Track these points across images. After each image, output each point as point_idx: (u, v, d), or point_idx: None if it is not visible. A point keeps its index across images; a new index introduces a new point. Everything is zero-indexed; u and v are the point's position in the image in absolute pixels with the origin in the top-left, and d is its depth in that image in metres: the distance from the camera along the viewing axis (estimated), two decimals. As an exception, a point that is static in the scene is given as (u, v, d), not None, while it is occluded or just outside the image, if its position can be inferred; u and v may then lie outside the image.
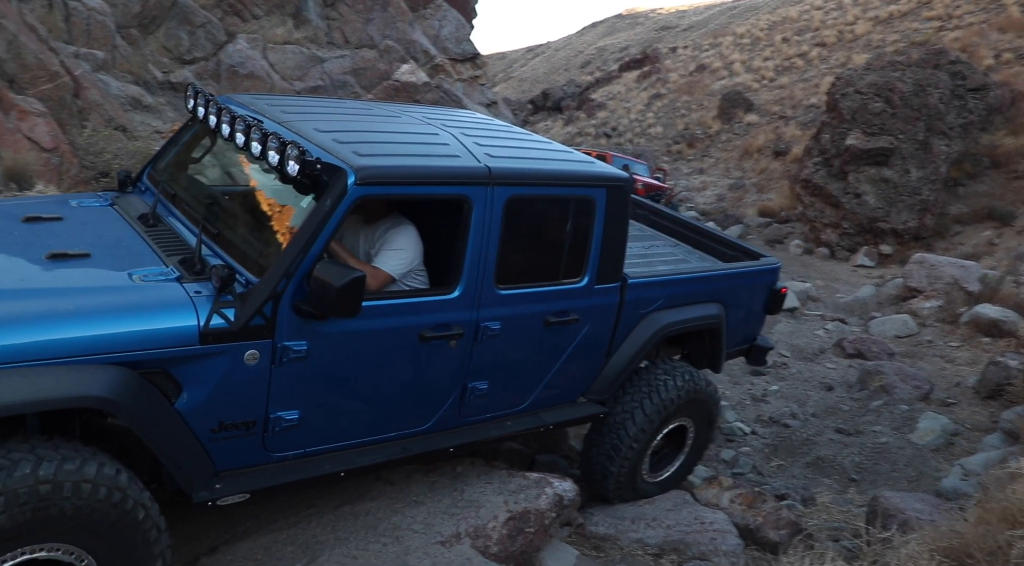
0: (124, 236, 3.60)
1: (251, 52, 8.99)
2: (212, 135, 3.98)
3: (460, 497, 4.17)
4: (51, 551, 2.73)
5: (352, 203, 3.27)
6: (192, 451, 3.15)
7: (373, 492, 4.21)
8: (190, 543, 3.85)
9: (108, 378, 2.82)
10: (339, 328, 3.35)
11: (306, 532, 3.89)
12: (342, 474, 3.63)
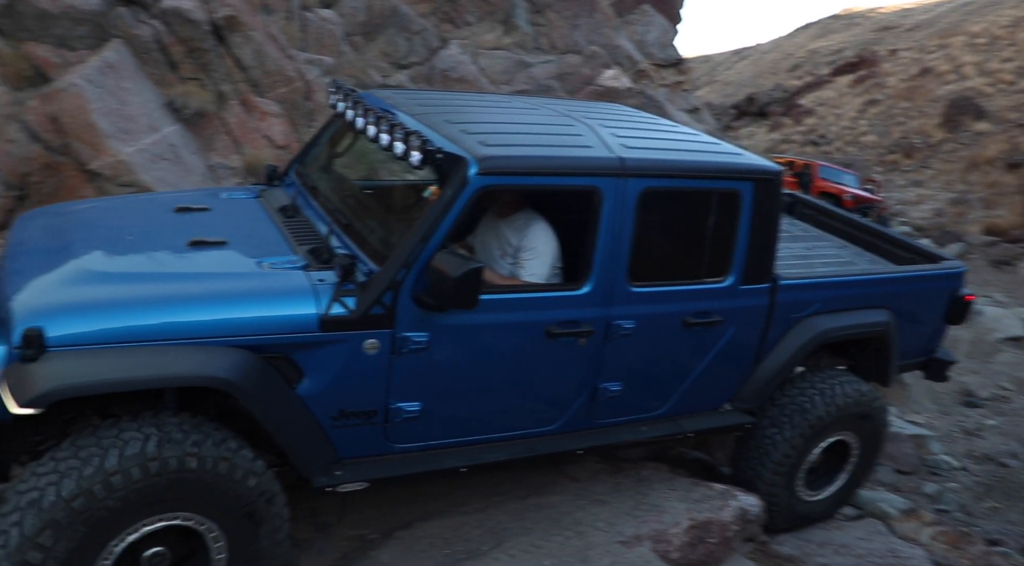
0: (262, 226, 3.76)
1: (462, 57, 9.40)
2: (352, 131, 4.04)
3: (643, 500, 4.18)
4: (184, 520, 2.91)
5: (474, 193, 3.22)
6: (313, 437, 3.21)
7: (558, 487, 4.32)
8: (387, 517, 4.11)
9: (231, 360, 2.93)
10: (460, 321, 3.31)
11: (493, 518, 4.05)
12: (463, 470, 3.58)
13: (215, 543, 2.99)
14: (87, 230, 3.56)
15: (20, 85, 6.60)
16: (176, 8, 6.96)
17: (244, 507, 2.97)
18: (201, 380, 2.88)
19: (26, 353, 2.68)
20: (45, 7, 6.72)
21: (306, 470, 3.24)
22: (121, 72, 6.56)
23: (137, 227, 3.66)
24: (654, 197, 3.63)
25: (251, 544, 3.05)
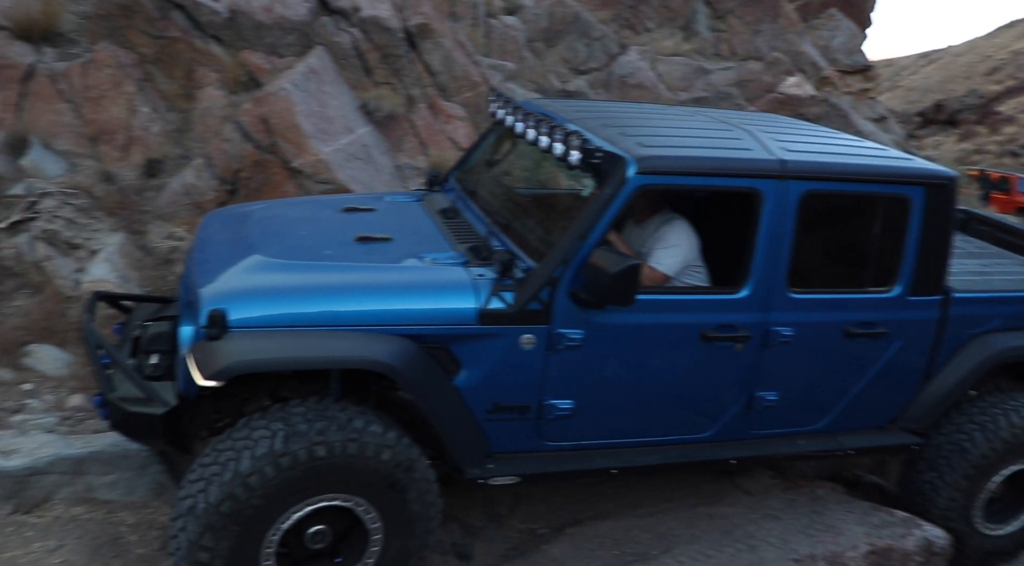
0: (424, 226, 3.93)
1: (641, 63, 9.41)
2: (512, 137, 4.16)
3: (819, 519, 4.08)
4: (332, 501, 3.08)
5: (632, 192, 3.24)
6: (468, 428, 3.30)
7: (730, 498, 4.29)
8: (558, 512, 4.23)
9: (393, 347, 3.07)
10: (616, 320, 3.32)
11: (662, 524, 4.09)
12: (614, 471, 3.59)
13: (367, 515, 3.16)
14: (264, 226, 3.90)
15: (236, 89, 7.24)
16: (374, 17, 7.40)
17: (384, 479, 3.10)
18: (364, 363, 3.06)
19: (211, 332, 2.98)
20: (260, 18, 7.34)
21: (459, 460, 3.37)
22: (323, 77, 7.05)
23: (309, 224, 3.96)
24: (816, 201, 3.54)
25: (401, 511, 3.18)
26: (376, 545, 3.19)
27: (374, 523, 3.16)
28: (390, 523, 3.18)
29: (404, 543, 3.22)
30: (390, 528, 3.18)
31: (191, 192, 6.43)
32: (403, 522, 3.19)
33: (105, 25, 7.32)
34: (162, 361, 3.50)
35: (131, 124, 7.01)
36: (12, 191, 6.46)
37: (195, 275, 3.43)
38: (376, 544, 3.19)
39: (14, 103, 7.00)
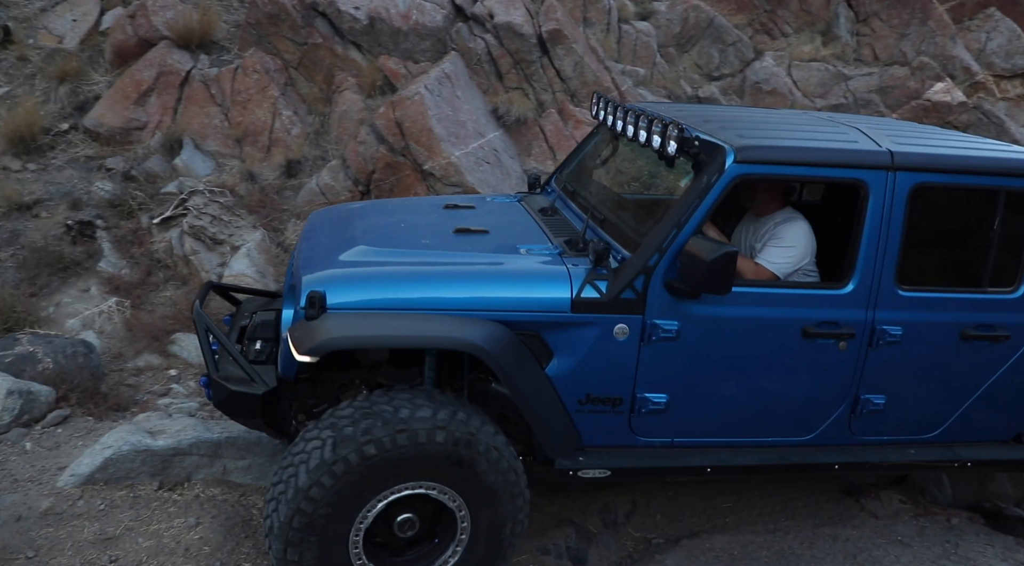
0: (522, 221, 3.96)
1: (776, 69, 9.13)
2: (613, 139, 4.15)
3: (953, 551, 3.85)
4: (428, 489, 3.05)
5: (730, 181, 3.16)
6: (559, 418, 3.24)
7: (855, 521, 4.10)
8: (674, 524, 4.16)
9: (485, 331, 3.05)
10: (713, 312, 3.23)
11: (782, 542, 3.95)
12: (708, 470, 3.44)
13: (444, 495, 3.11)
14: (366, 220, 4.02)
15: (372, 94, 7.51)
16: (508, 23, 7.50)
17: (446, 459, 3.03)
18: (455, 344, 3.04)
19: (309, 312, 3.07)
20: (398, 25, 7.57)
21: (549, 450, 3.31)
22: (456, 82, 7.21)
23: (409, 219, 4.06)
24: (928, 193, 3.38)
25: (477, 485, 3.10)
26: (464, 521, 3.15)
27: (454, 502, 3.12)
28: (470, 498, 3.12)
29: (492, 513, 3.15)
30: (472, 503, 3.13)
31: (327, 192, 6.70)
32: (483, 495, 3.11)
33: (254, 33, 7.74)
34: (265, 347, 3.63)
35: (273, 126, 7.38)
36: (165, 189, 6.93)
37: (298, 263, 3.55)
38: (464, 520, 3.14)
39: (172, 107, 7.51)
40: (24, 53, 8.01)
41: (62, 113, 7.61)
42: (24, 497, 3.84)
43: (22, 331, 5.46)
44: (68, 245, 6.45)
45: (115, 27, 8.03)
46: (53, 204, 6.81)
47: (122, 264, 6.39)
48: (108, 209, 6.77)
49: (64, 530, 3.65)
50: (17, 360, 4.78)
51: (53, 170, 7.15)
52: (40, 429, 4.42)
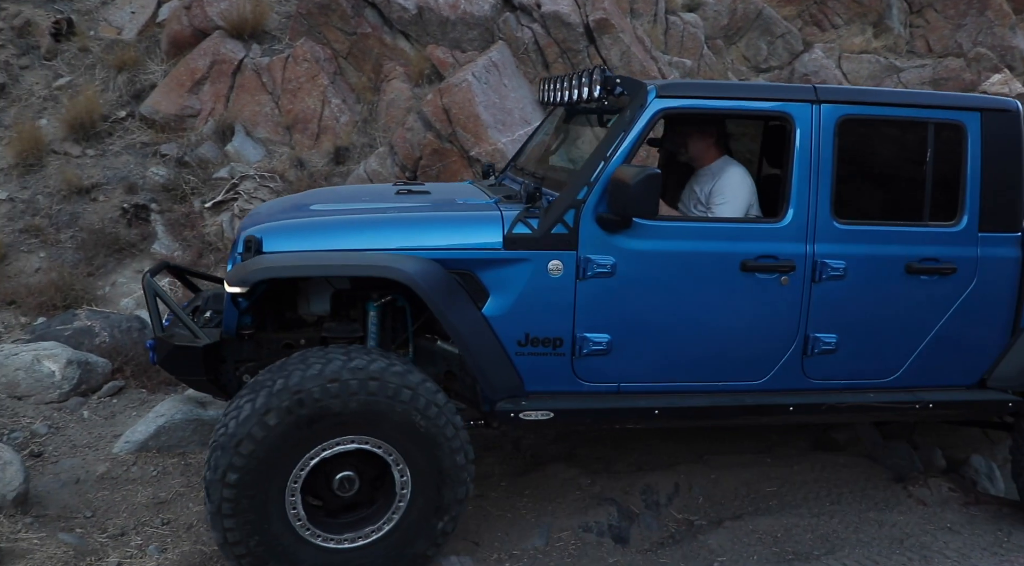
0: (466, 189, 4.10)
1: (825, 61, 9.01)
2: (561, 123, 4.26)
3: (1006, 539, 3.78)
4: (363, 444, 2.99)
5: (654, 115, 3.22)
6: (498, 359, 3.22)
7: (902, 507, 4.05)
8: (717, 507, 4.14)
9: (416, 265, 3.06)
10: (648, 246, 3.24)
11: (827, 525, 3.91)
12: (656, 412, 3.37)
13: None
14: (314, 194, 4.24)
15: (420, 82, 7.58)
16: (555, 12, 7.52)
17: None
18: (382, 271, 3.05)
19: (245, 256, 3.15)
20: (446, 15, 7.63)
21: (491, 392, 3.27)
22: (502, 70, 7.24)
23: (359, 192, 4.29)
24: (856, 126, 3.44)
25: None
26: (403, 476, 3.07)
27: (390, 455, 3.05)
28: (407, 453, 3.05)
29: (431, 470, 3.08)
30: (410, 459, 3.06)
31: (374, 178, 6.78)
32: (420, 449, 3.05)
33: (305, 23, 7.86)
34: (214, 317, 3.67)
35: (323, 114, 7.49)
36: (217, 174, 7.08)
37: (240, 224, 3.73)
38: (403, 475, 3.07)
39: (224, 95, 7.66)
40: (86, 44, 8.23)
41: (120, 101, 7.82)
42: (82, 461, 3.97)
43: (80, 308, 5.63)
44: (124, 227, 6.64)
45: (171, 18, 8.22)
46: (110, 188, 7.01)
47: (175, 246, 6.55)
48: (162, 193, 6.95)
49: (119, 493, 3.76)
50: (76, 333, 4.94)
51: (111, 155, 7.35)
52: (96, 399, 4.57)
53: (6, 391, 4.41)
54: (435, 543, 3.17)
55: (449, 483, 3.09)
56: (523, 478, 4.29)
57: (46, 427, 4.23)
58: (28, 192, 6.99)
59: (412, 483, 3.07)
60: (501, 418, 3.30)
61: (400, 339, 3.51)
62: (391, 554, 3.11)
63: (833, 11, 9.46)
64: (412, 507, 3.09)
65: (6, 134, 7.48)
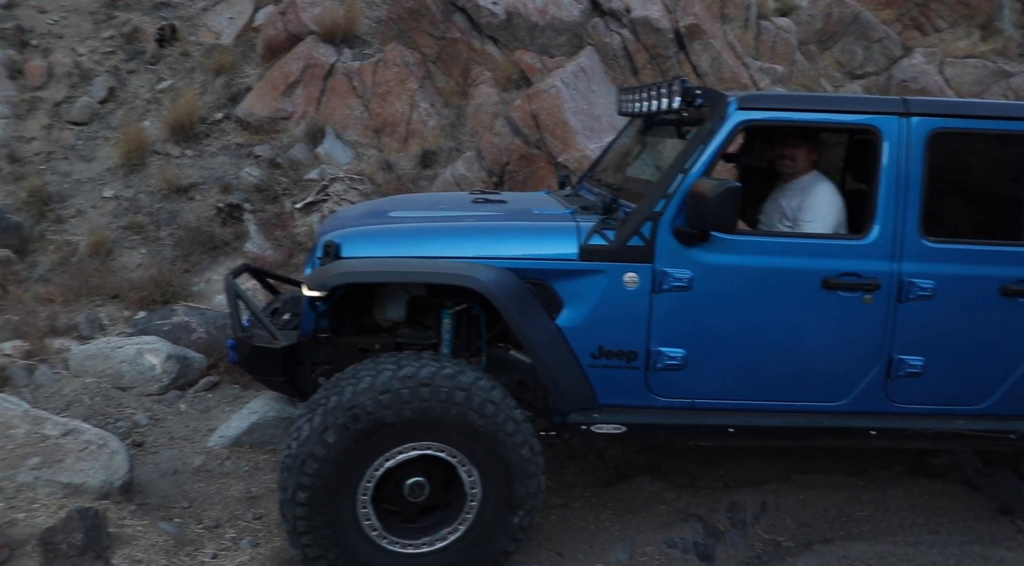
0: (543, 199, 4.04)
1: (926, 66, 8.69)
2: (638, 133, 4.18)
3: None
4: (436, 451, 3.02)
5: (735, 127, 3.19)
6: (571, 370, 3.18)
7: (1011, 542, 3.86)
8: (806, 529, 4.02)
9: (491, 274, 3.07)
10: (726, 260, 3.17)
11: (924, 556, 3.76)
12: (730, 430, 3.31)
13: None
14: (392, 201, 4.31)
15: (507, 87, 7.61)
16: (645, 18, 7.45)
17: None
18: (457, 279, 3.06)
19: (324, 260, 3.21)
20: (535, 20, 7.65)
21: (563, 403, 3.24)
22: (591, 76, 7.22)
23: (437, 199, 4.30)
24: (948, 140, 3.29)
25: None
26: (474, 487, 3.08)
27: (463, 466, 3.07)
28: (479, 462, 3.06)
29: (503, 479, 3.08)
30: (481, 467, 3.07)
31: (461, 182, 6.84)
32: (492, 459, 3.05)
33: (395, 27, 7.99)
34: (292, 318, 3.75)
35: (411, 118, 7.59)
36: (308, 175, 7.25)
37: (319, 230, 3.85)
38: (473, 486, 3.08)
39: (316, 98, 7.84)
40: (187, 49, 8.54)
41: (217, 103, 8.08)
42: (179, 453, 4.11)
43: (177, 303, 5.83)
44: (219, 226, 6.85)
45: (267, 23, 8.46)
46: (206, 187, 7.25)
47: (266, 246, 6.72)
48: (255, 193, 7.15)
49: (214, 486, 3.88)
50: (174, 329, 5.12)
51: (207, 156, 7.61)
52: (192, 393, 4.72)
53: (111, 382, 4.60)
54: (514, 538, 3.17)
55: (519, 478, 3.09)
56: (607, 490, 4.25)
57: (147, 418, 4.40)
58: (132, 191, 7.29)
59: (481, 482, 3.09)
60: (572, 430, 3.29)
61: (474, 347, 3.53)
62: (471, 553, 3.13)
63: (937, 13, 9.13)
64: (485, 505, 3.10)
65: (113, 135, 7.82)
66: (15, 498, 3.26)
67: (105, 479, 3.43)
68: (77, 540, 3.00)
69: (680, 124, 3.71)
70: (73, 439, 3.55)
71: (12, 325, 5.38)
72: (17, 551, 3.02)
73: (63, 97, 8.18)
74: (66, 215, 7.17)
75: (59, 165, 7.67)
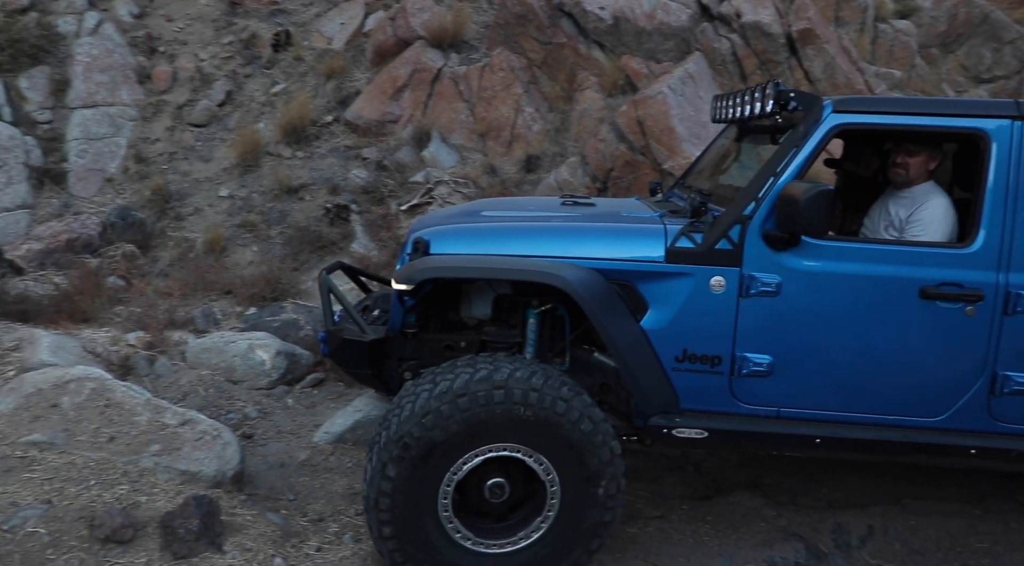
0: (632, 203, 4.01)
1: (1060, 71, 8.21)
2: (732, 141, 4.11)
3: None
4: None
5: (830, 131, 3.11)
6: (654, 373, 3.14)
7: None
8: (916, 557, 3.88)
9: (576, 273, 3.08)
10: (818, 266, 3.08)
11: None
12: (817, 440, 3.24)
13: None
14: (484, 203, 4.38)
15: (613, 93, 7.58)
16: (756, 22, 7.29)
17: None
18: (543, 277, 3.06)
19: (413, 256, 3.26)
20: (643, 25, 7.59)
21: (645, 406, 3.20)
22: (698, 82, 7.11)
23: (527, 202, 4.30)
24: None
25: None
26: (553, 486, 3.08)
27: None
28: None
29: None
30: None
31: (564, 187, 6.84)
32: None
33: (502, 32, 8.06)
34: (382, 315, 3.80)
35: (516, 122, 7.65)
36: (413, 178, 7.39)
37: (411, 228, 3.83)
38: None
39: (423, 102, 7.99)
40: (300, 54, 8.85)
41: (327, 106, 8.34)
42: (286, 447, 4.24)
43: (286, 301, 6.04)
44: (326, 226, 7.06)
45: (376, 28, 8.67)
46: (315, 188, 7.48)
47: (371, 246, 6.89)
48: (362, 195, 7.34)
49: (318, 480, 3.99)
50: (283, 326, 5.30)
51: (317, 158, 7.86)
52: (299, 389, 4.88)
53: (224, 375, 4.80)
54: (607, 508, 3.15)
55: (587, 451, 3.06)
56: (705, 503, 4.17)
57: (256, 411, 4.57)
58: (245, 190, 7.60)
59: (553, 467, 3.08)
60: (654, 433, 3.26)
61: (558, 348, 3.54)
62: (569, 534, 3.14)
63: (1073, 16, 8.61)
64: (565, 488, 3.10)
65: (229, 137, 8.17)
66: (138, 481, 3.44)
67: (218, 469, 3.58)
68: (193, 526, 3.14)
69: (774, 130, 3.63)
70: (190, 429, 3.72)
71: (135, 317, 5.68)
72: (140, 532, 3.18)
73: (185, 100, 8.59)
74: (185, 213, 7.54)
75: (179, 165, 8.06)
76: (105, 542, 3.10)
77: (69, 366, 4.23)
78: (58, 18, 8.74)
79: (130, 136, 8.25)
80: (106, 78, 8.45)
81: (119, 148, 8.14)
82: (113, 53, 8.64)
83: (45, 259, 6.72)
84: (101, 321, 5.75)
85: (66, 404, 3.80)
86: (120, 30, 8.95)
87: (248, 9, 9.45)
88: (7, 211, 7.29)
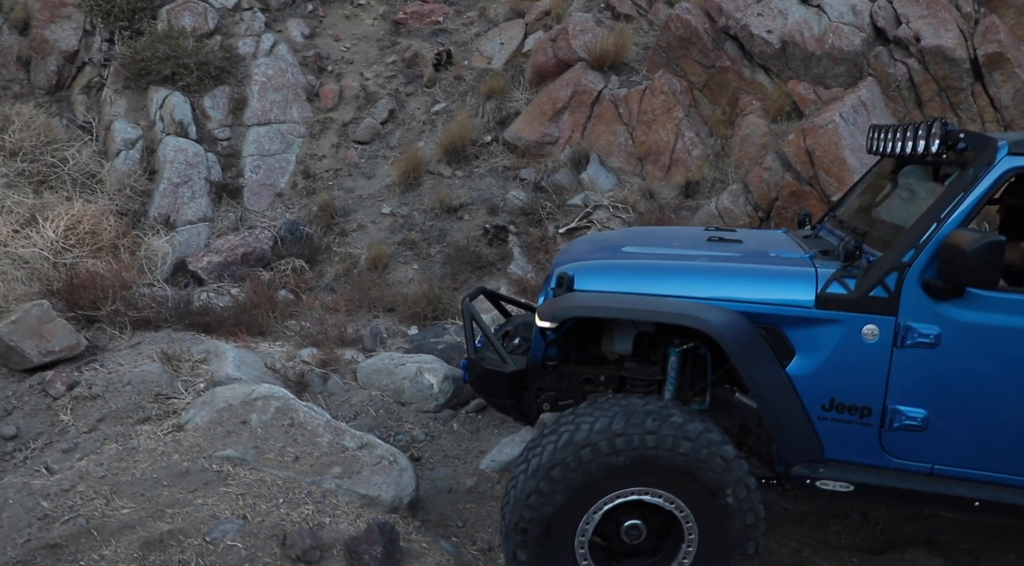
0: (780, 239, 3.90)
1: None
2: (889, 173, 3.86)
3: None
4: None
5: (1003, 174, 2.91)
6: (798, 420, 3.01)
7: None
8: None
9: (721, 316, 3.00)
10: (982, 319, 2.92)
11: None
12: (976, 503, 3.04)
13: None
14: (627, 234, 4.29)
15: (777, 118, 7.37)
16: (937, 46, 6.92)
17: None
18: (688, 321, 2.98)
19: (558, 291, 3.27)
20: (812, 49, 7.34)
21: (787, 454, 3.08)
22: (871, 110, 6.81)
23: (671, 235, 4.17)
24: None
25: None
26: (691, 534, 3.03)
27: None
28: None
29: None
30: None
31: (725, 215, 6.71)
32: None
33: (663, 55, 7.99)
34: (522, 344, 3.83)
35: (675, 147, 7.56)
36: (571, 201, 7.43)
37: (554, 261, 3.83)
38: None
39: (582, 124, 8.03)
40: (460, 73, 9.07)
41: (486, 126, 8.51)
42: (453, 472, 4.35)
43: (446, 321, 6.19)
44: (484, 246, 7.20)
45: (536, 49, 8.78)
46: (474, 208, 7.64)
47: (528, 268, 6.97)
48: (520, 216, 7.44)
49: (485, 508, 4.07)
50: (447, 348, 5.43)
51: (476, 177, 8.03)
52: (464, 413, 4.99)
53: (393, 396, 4.97)
54: (748, 538, 3.08)
55: (720, 490, 3.01)
56: (878, 558, 3.98)
57: (423, 434, 4.71)
58: (407, 208, 7.85)
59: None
60: (795, 483, 3.16)
61: (698, 387, 3.49)
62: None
63: None
64: (700, 523, 3.05)
65: (391, 154, 8.47)
66: (322, 502, 3.60)
67: (396, 495, 3.71)
68: (377, 552, 3.27)
69: (938, 166, 3.44)
70: (368, 453, 3.87)
71: (306, 332, 5.96)
72: (326, 554, 3.33)
73: (350, 118, 8.97)
74: (349, 228, 7.86)
75: (344, 181, 8.42)
76: (296, 562, 3.26)
77: (255, 383, 4.50)
78: (238, 40, 9.32)
79: (299, 152, 8.68)
80: (279, 97, 8.94)
81: (289, 164, 8.59)
82: (286, 73, 9.13)
83: (223, 271, 7.17)
84: (275, 334, 6.08)
85: (254, 421, 4.04)
86: (292, 50, 9.46)
87: (411, 29, 9.78)
88: (191, 224, 7.82)
